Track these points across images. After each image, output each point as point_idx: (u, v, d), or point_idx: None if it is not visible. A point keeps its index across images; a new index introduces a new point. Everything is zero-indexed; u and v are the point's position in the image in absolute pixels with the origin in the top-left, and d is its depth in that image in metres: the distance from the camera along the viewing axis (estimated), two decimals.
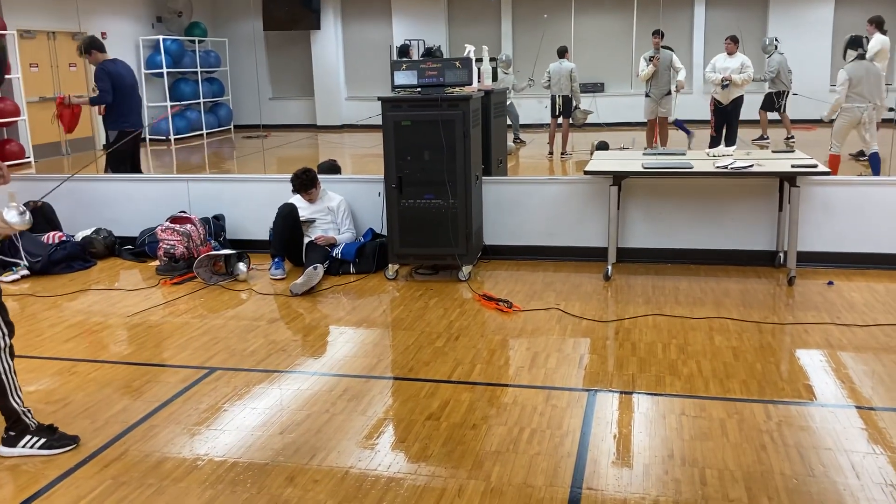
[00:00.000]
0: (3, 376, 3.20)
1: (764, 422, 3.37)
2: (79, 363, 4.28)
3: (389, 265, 5.74)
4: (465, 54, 6.14)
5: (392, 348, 4.42)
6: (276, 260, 5.89)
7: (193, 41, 16.50)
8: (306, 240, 5.96)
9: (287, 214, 5.85)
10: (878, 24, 9.06)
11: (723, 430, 3.30)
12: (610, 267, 5.60)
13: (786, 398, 3.62)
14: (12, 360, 3.24)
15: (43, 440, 3.26)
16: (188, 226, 6.14)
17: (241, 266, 5.87)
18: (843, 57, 7.92)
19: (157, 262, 6.19)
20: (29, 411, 3.29)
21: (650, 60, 10.54)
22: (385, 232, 5.87)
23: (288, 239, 5.90)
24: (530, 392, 3.75)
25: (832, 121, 8.12)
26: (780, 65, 11.94)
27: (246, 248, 6.32)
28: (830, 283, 5.36)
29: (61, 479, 3.06)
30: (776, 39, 12.39)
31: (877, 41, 8.79)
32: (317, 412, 3.58)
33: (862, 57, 7.74)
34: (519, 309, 4.96)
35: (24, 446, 3.24)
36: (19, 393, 3.26)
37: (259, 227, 6.45)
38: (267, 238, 6.20)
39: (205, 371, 4.11)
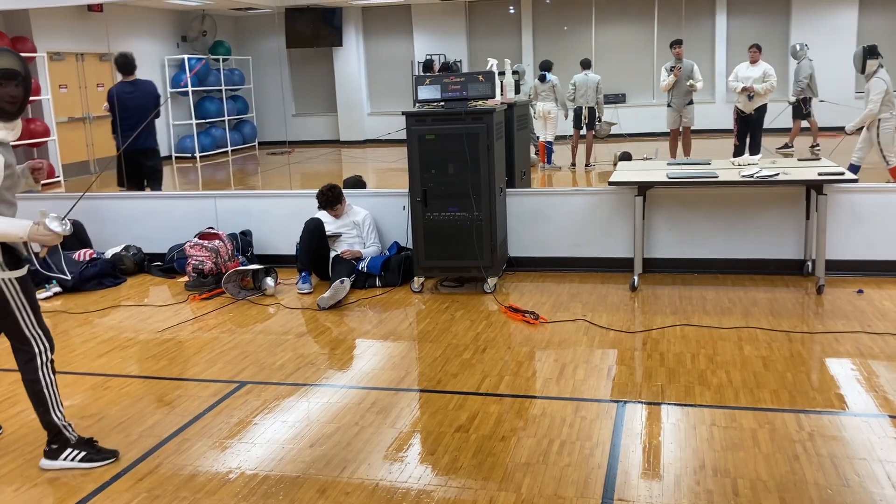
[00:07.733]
0: (46, 390, 3.27)
1: (796, 432, 3.34)
2: (112, 378, 4.35)
3: (415, 278, 5.77)
4: (488, 67, 6.18)
5: (419, 361, 4.44)
6: (303, 274, 5.94)
7: (218, 59, 16.72)
8: (332, 254, 6.01)
9: (313, 229, 5.91)
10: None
11: (754, 441, 3.28)
12: (636, 277, 5.59)
13: (817, 408, 3.58)
14: (54, 374, 3.32)
15: (83, 453, 3.32)
16: (216, 242, 6.22)
17: (269, 281, 5.93)
18: (862, 71, 7.57)
19: (185, 278, 6.27)
20: (70, 425, 3.35)
21: (671, 70, 10.53)
22: (410, 245, 5.91)
23: (314, 253, 5.96)
24: (559, 403, 3.74)
25: (856, 132, 7.94)
26: (810, 70, 11.86)
27: (273, 262, 6.39)
28: (860, 291, 5.30)
29: (98, 492, 3.11)
30: (806, 45, 12.22)
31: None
32: (346, 425, 3.61)
33: (882, 65, 7.54)
34: (545, 320, 4.96)
35: (64, 459, 3.30)
36: (61, 407, 3.32)
37: (286, 242, 6.51)
38: (294, 253, 6.26)
39: (235, 385, 4.15)
